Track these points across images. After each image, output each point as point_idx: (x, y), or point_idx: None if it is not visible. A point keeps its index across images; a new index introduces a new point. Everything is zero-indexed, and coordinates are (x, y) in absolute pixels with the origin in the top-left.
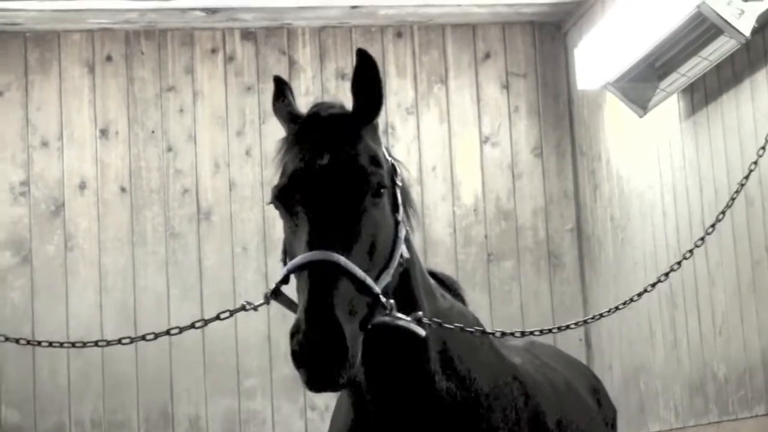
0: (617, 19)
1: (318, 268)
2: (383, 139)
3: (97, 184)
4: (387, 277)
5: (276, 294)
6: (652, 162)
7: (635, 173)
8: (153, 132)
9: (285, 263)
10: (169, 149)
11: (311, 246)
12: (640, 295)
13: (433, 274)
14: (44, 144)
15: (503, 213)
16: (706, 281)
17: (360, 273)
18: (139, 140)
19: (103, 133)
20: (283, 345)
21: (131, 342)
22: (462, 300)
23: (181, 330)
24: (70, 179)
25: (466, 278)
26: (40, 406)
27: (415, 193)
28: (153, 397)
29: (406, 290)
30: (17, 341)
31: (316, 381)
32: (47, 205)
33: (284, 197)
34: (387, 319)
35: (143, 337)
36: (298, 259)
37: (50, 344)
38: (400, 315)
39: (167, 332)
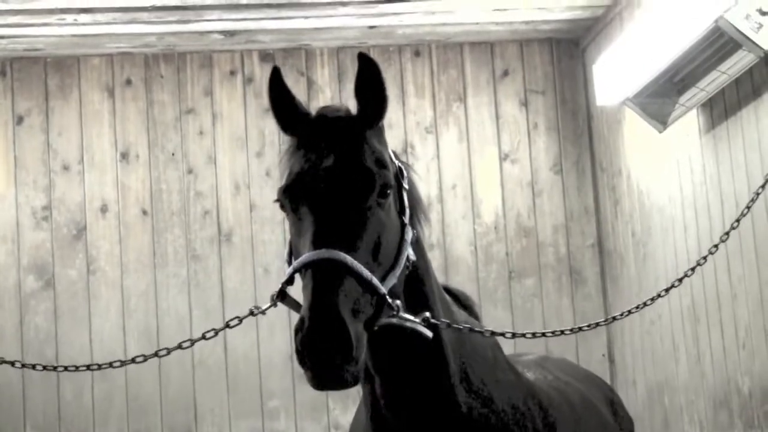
0: (635, 35)
1: (323, 266)
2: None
3: (119, 207)
4: (393, 279)
5: (283, 296)
6: (673, 177)
7: (656, 188)
8: (173, 154)
9: (290, 264)
10: (190, 171)
11: (316, 245)
12: (653, 299)
13: (447, 290)
14: (65, 168)
15: (524, 230)
16: (728, 295)
17: (366, 273)
18: (159, 163)
19: (124, 156)
20: None
21: (145, 360)
22: (475, 316)
23: (193, 342)
24: (92, 203)
25: (488, 296)
26: (65, 429)
27: (435, 212)
28: (177, 418)
29: (419, 296)
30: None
31: (320, 379)
32: (69, 229)
33: (289, 196)
34: (394, 320)
35: (156, 354)
36: (303, 258)
37: (65, 368)
38: (407, 316)
39: (179, 346)
